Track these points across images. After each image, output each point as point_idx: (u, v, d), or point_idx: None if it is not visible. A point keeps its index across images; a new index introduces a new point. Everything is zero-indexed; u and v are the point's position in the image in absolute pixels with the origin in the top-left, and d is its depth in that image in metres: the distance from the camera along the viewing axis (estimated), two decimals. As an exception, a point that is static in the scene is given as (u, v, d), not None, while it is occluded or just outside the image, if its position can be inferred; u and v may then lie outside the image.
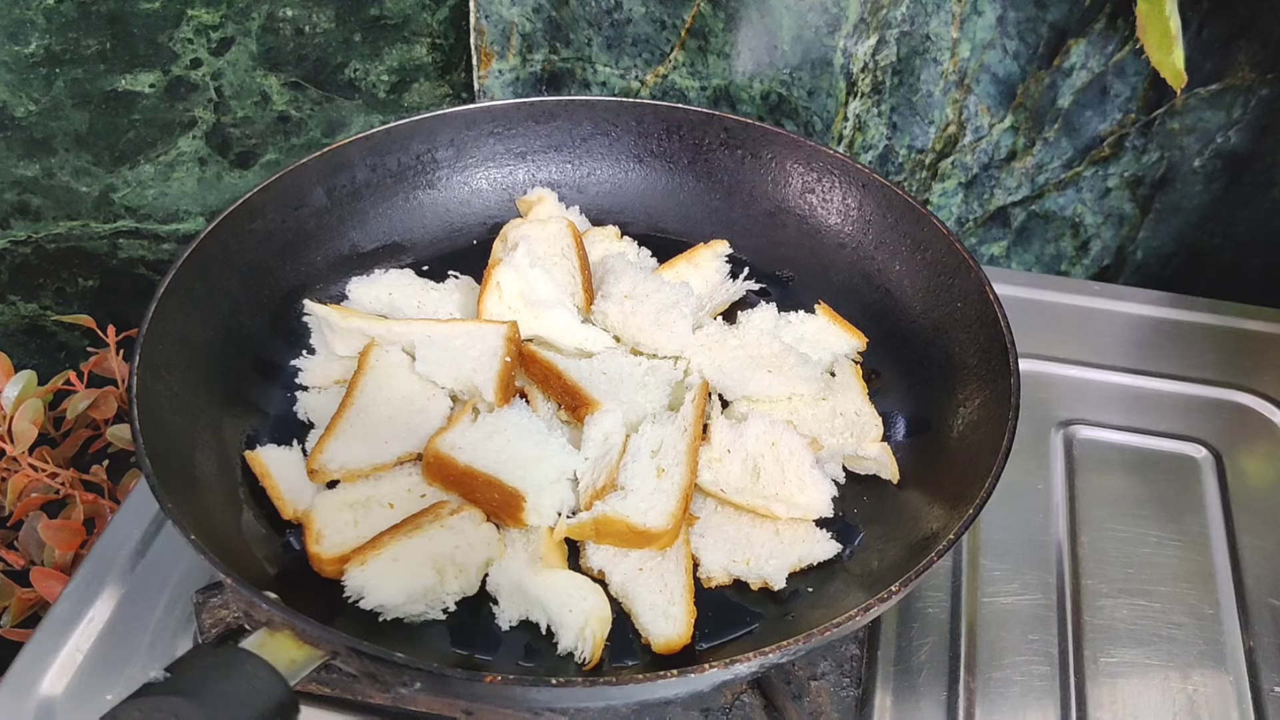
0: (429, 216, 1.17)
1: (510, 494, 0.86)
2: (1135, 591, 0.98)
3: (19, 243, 1.46)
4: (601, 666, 0.81)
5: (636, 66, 1.28)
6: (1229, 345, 1.22)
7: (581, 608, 0.81)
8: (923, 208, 1.04)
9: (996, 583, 0.99)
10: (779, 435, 0.92)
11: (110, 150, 1.37)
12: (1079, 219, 1.34)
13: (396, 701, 0.86)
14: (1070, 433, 1.12)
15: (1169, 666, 0.93)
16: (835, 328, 1.04)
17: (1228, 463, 1.10)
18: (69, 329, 1.56)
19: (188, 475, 0.85)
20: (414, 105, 1.37)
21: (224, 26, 1.27)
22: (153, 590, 0.96)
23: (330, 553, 0.84)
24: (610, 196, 1.20)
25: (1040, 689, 0.91)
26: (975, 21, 1.19)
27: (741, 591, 0.87)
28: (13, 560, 1.21)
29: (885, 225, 1.07)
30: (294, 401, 0.99)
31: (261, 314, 1.02)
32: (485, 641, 0.84)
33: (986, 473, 0.81)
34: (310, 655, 0.69)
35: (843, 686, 0.86)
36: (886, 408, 0.99)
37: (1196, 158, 1.27)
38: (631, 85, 1.29)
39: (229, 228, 0.99)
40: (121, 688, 0.86)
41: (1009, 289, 1.10)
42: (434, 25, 1.30)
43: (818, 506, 0.90)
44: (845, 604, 0.76)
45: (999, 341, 0.91)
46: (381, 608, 0.82)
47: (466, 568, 0.84)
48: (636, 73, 1.28)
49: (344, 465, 0.90)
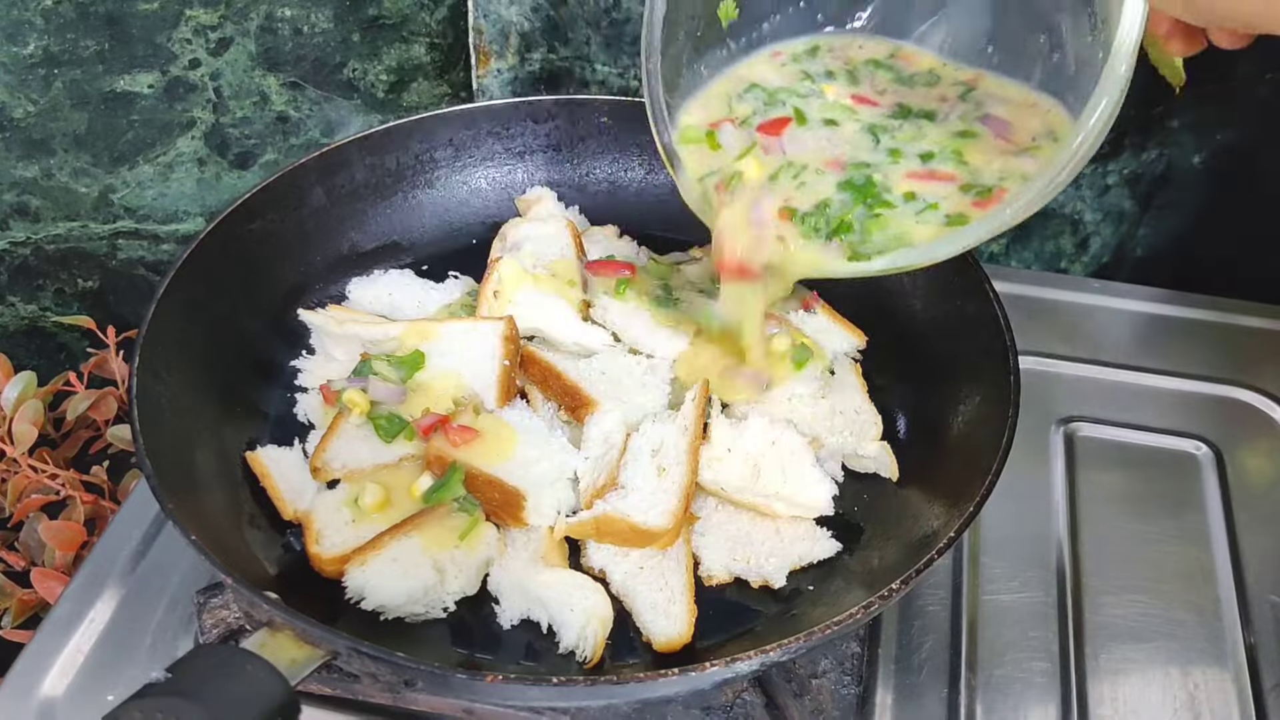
0: (428, 216, 1.17)
1: (511, 493, 0.86)
2: (1136, 588, 0.98)
3: (18, 244, 1.46)
4: (603, 665, 0.81)
5: (635, 65, 1.28)
6: (1229, 342, 1.22)
7: (582, 607, 0.81)
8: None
9: (997, 580, 0.99)
10: (779, 434, 0.92)
11: (109, 151, 1.37)
12: (1078, 216, 1.34)
13: (397, 701, 0.86)
14: (1070, 430, 1.12)
15: (1170, 663, 0.93)
16: (835, 326, 1.04)
17: (1228, 459, 1.10)
18: (69, 330, 1.56)
19: (188, 476, 0.85)
20: (412, 105, 1.37)
21: (222, 27, 1.27)
22: (153, 591, 0.96)
23: (330, 553, 0.84)
24: (610, 196, 1.20)
25: (1041, 686, 0.91)
26: (974, 19, 1.19)
27: (742, 590, 0.87)
28: (13, 561, 1.21)
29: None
30: (294, 402, 0.99)
31: (261, 314, 1.02)
32: (486, 641, 0.84)
33: (987, 470, 0.81)
34: (311, 655, 0.69)
35: (844, 684, 0.86)
36: (886, 406, 0.99)
37: (1196, 155, 1.27)
38: (630, 84, 1.29)
39: (228, 228, 0.99)
40: (122, 688, 0.86)
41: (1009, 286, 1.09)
42: (432, 25, 1.30)
43: (818, 505, 0.90)
44: (846, 602, 0.76)
45: (999, 339, 0.91)
46: (382, 608, 0.82)
47: (467, 567, 0.84)
48: (635, 71, 1.28)
49: (346, 465, 0.90)
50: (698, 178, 0.87)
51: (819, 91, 0.91)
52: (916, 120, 0.89)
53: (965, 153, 0.85)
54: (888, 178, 0.85)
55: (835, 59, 0.94)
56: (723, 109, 0.91)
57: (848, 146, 0.88)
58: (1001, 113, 0.87)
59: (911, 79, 0.92)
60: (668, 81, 0.87)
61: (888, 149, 0.87)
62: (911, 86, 0.92)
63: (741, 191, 0.85)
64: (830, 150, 0.88)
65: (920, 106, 0.90)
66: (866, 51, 0.95)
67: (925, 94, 0.91)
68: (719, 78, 0.93)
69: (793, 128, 0.89)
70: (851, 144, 0.88)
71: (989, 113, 0.88)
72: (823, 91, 0.91)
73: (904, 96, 0.91)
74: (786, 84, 0.91)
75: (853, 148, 0.87)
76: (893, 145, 0.87)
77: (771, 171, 0.86)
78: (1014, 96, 0.89)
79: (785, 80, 0.92)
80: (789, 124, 0.88)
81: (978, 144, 0.86)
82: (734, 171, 0.86)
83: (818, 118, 0.89)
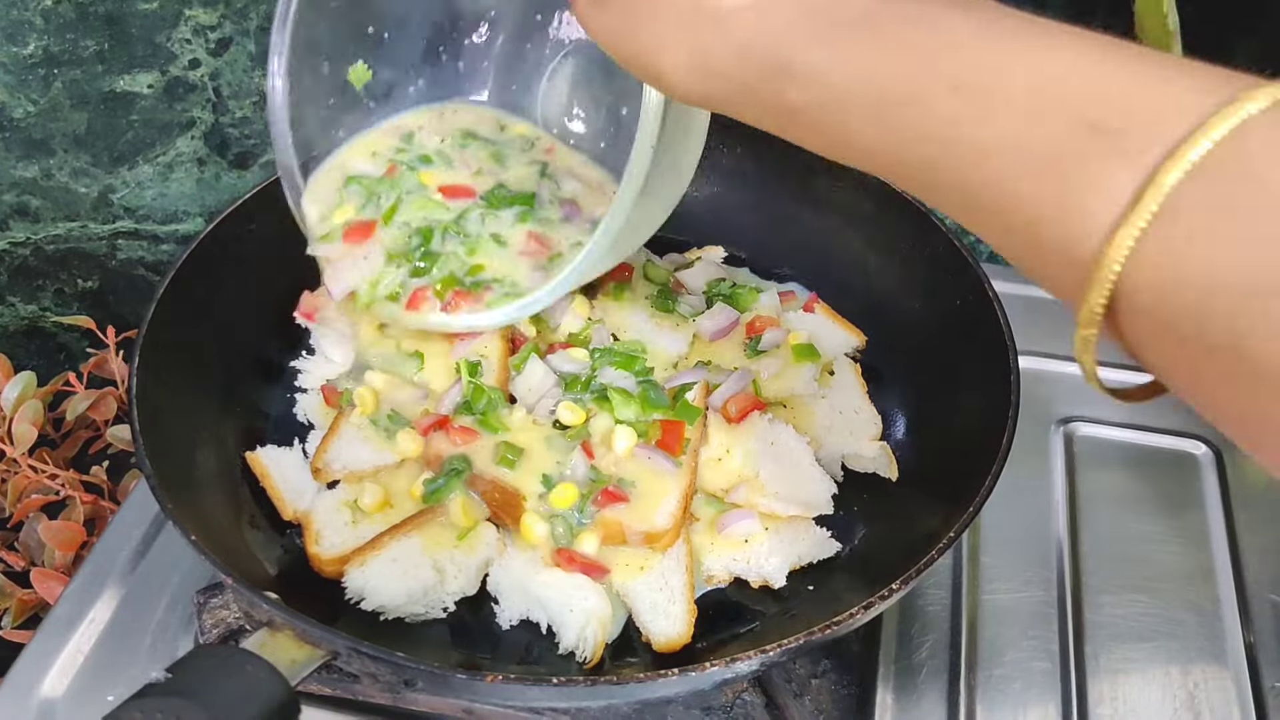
0: (428, 216, 1.16)
1: (511, 494, 0.86)
2: (1136, 588, 0.98)
3: (18, 244, 1.46)
4: (602, 665, 0.81)
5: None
6: (1228, 341, 1.22)
7: (582, 607, 0.81)
8: (922, 205, 1.03)
9: (997, 580, 0.99)
10: (778, 434, 0.92)
11: (109, 151, 1.37)
12: (1078, 216, 1.34)
13: (397, 702, 0.86)
14: (1070, 430, 1.12)
15: (1170, 663, 0.93)
16: (834, 325, 1.04)
17: (1228, 459, 1.10)
18: (68, 330, 1.56)
19: (188, 476, 0.86)
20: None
21: (222, 27, 1.27)
22: (153, 591, 0.96)
23: (330, 553, 0.84)
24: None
25: (1041, 685, 0.91)
26: (973, 19, 1.18)
27: (742, 590, 0.87)
28: (13, 561, 1.21)
29: (884, 222, 1.07)
30: (294, 402, 0.99)
31: (261, 315, 1.02)
32: (486, 641, 0.84)
33: (986, 470, 0.81)
34: (311, 655, 0.69)
35: (844, 684, 0.86)
36: (886, 405, 0.99)
37: (1195, 154, 1.27)
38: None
39: (228, 228, 0.99)
40: (122, 689, 0.86)
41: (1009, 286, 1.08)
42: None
43: (817, 504, 0.90)
44: (846, 601, 0.76)
45: (999, 338, 0.91)
46: (382, 608, 0.82)
47: (467, 567, 0.84)
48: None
49: (347, 466, 0.90)
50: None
51: (418, 183, 0.96)
52: (513, 207, 0.95)
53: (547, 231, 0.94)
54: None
55: (431, 135, 0.99)
56: (333, 200, 0.96)
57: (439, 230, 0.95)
58: (572, 190, 0.96)
59: (506, 151, 1.00)
60: (306, 147, 0.94)
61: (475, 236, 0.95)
62: (505, 163, 0.99)
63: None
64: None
65: (518, 188, 0.96)
66: (466, 121, 1.01)
67: (520, 171, 0.98)
68: (347, 146, 0.98)
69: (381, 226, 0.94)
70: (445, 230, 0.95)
71: (564, 195, 0.96)
72: (420, 181, 0.96)
73: (500, 175, 0.98)
74: (384, 173, 0.97)
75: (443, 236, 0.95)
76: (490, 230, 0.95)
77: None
78: (587, 175, 0.98)
79: (380, 169, 0.97)
80: (375, 226, 0.94)
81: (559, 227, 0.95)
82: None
83: (414, 214, 0.95)
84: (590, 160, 1.00)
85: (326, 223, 0.94)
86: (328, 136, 0.97)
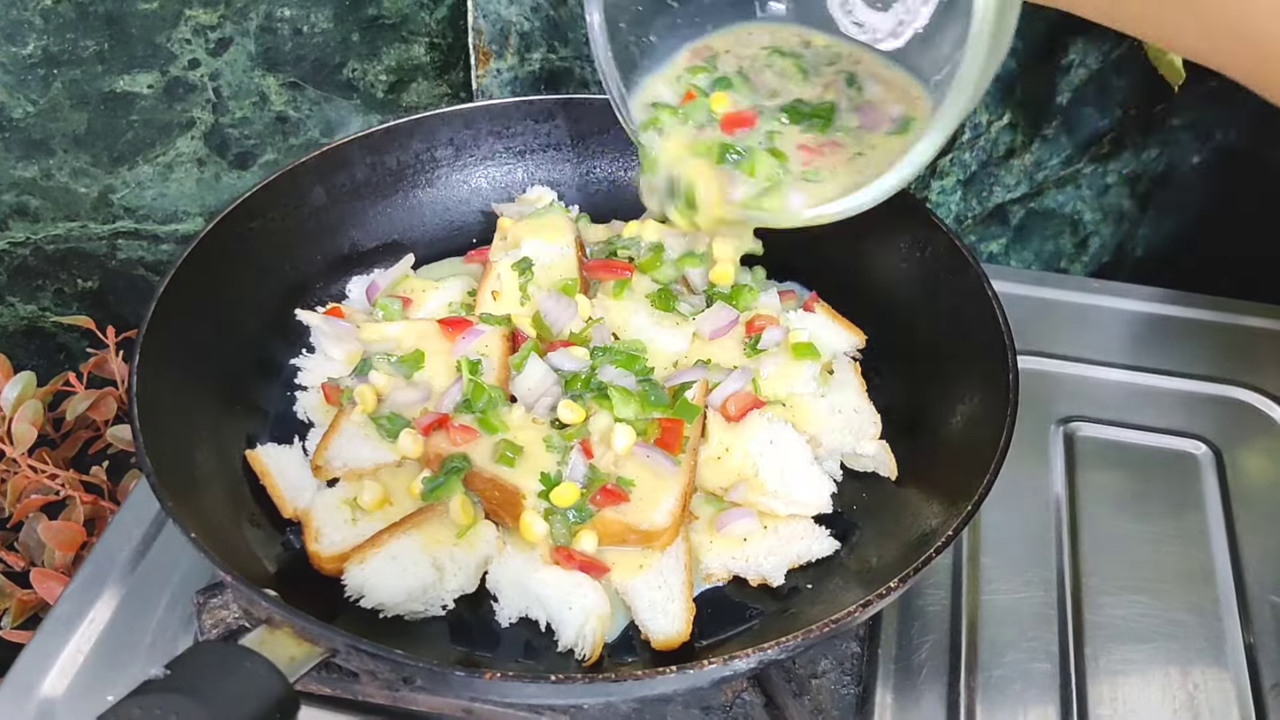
0: (428, 215, 1.17)
1: (511, 492, 0.86)
2: (1135, 588, 0.98)
3: (18, 244, 1.46)
4: (601, 663, 0.81)
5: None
6: (1229, 341, 1.22)
7: (581, 605, 0.81)
8: (922, 205, 1.04)
9: (997, 580, 0.99)
10: (777, 433, 0.92)
11: (109, 151, 1.37)
12: (1078, 216, 1.34)
13: (396, 700, 0.86)
14: (1070, 430, 1.12)
15: (1169, 663, 0.93)
16: (834, 325, 1.04)
17: (1227, 459, 1.10)
18: (68, 330, 1.56)
19: (188, 475, 0.86)
20: (412, 105, 1.37)
21: (222, 27, 1.27)
22: (153, 591, 0.96)
23: (329, 551, 0.84)
24: (610, 195, 1.20)
25: (1041, 686, 0.91)
26: (973, 19, 1.18)
27: (740, 588, 0.87)
28: (13, 562, 1.21)
29: (884, 222, 1.06)
30: (294, 401, 0.99)
31: (261, 313, 1.03)
32: (485, 638, 0.84)
33: (985, 469, 0.81)
34: (310, 652, 0.69)
35: (843, 684, 0.86)
36: (885, 404, 0.99)
37: (1195, 154, 1.27)
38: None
39: (228, 228, 0.99)
40: (122, 688, 0.85)
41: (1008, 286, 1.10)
42: (432, 24, 1.30)
43: (816, 503, 0.90)
44: (844, 600, 0.76)
45: (998, 339, 0.91)
46: (381, 606, 0.82)
47: (466, 565, 0.84)
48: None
49: (347, 463, 0.90)
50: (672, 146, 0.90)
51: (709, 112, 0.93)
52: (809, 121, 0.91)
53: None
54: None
55: (733, 58, 0.95)
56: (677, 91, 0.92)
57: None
58: (876, 93, 0.90)
59: (813, 63, 0.95)
60: (623, 63, 0.89)
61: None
62: (807, 78, 0.94)
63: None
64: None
65: (813, 108, 0.92)
66: (767, 40, 0.96)
67: (818, 83, 0.93)
68: (679, 50, 0.94)
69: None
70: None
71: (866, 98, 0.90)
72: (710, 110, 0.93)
73: (798, 92, 0.93)
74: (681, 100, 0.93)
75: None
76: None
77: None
78: (892, 79, 0.91)
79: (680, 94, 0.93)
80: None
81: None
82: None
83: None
84: (891, 62, 0.93)
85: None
86: (643, 45, 0.93)
